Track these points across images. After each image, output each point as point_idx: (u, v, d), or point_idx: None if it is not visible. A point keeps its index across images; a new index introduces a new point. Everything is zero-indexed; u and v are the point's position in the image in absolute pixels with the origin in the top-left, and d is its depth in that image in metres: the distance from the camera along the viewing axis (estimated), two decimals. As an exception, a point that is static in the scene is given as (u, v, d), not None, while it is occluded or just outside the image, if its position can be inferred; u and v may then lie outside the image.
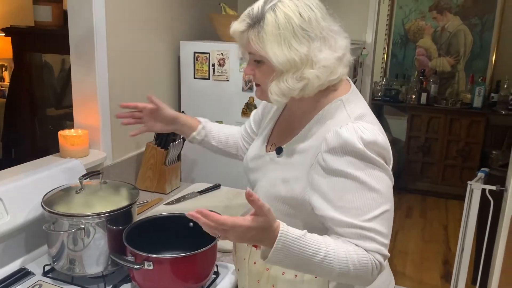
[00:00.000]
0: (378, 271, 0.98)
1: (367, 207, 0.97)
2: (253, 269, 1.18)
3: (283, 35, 0.97)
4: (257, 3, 1.02)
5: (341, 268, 0.95)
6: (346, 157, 0.97)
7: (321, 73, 1.00)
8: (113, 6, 1.85)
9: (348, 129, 0.98)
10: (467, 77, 4.66)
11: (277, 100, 1.05)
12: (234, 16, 2.25)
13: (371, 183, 0.97)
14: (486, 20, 4.54)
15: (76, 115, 1.88)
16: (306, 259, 0.94)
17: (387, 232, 0.99)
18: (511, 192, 2.44)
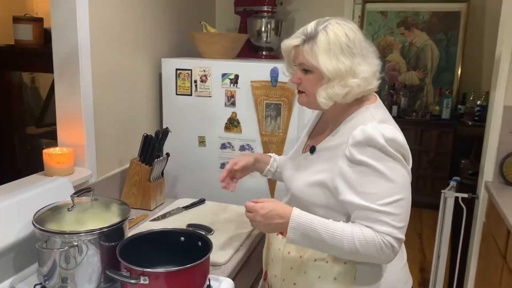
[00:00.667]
0: (390, 252, 1.16)
1: (383, 194, 1.15)
2: (287, 258, 1.35)
3: (332, 50, 1.20)
4: (310, 24, 1.25)
5: (349, 245, 1.16)
6: (369, 149, 1.16)
7: (361, 83, 1.22)
8: (97, 25, 1.87)
9: (372, 127, 1.18)
10: (435, 90, 4.85)
11: (324, 103, 1.25)
12: (216, 34, 2.31)
13: (389, 174, 1.16)
14: (451, 36, 4.75)
15: (60, 133, 1.88)
16: (317, 235, 1.18)
17: (400, 216, 1.16)
18: (482, 199, 2.56)
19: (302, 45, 1.24)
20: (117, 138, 2.10)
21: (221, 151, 2.28)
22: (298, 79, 1.29)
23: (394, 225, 1.15)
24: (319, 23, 1.24)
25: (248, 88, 2.16)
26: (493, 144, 2.49)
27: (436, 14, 4.78)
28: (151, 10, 2.28)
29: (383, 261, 1.20)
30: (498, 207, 2.18)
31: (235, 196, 2.25)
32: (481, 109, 4.32)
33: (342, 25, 1.22)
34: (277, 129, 2.15)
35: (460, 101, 4.67)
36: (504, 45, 2.37)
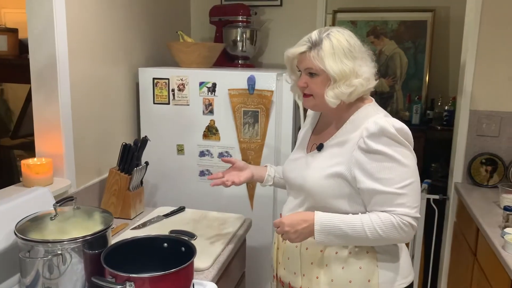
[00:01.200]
0: (410, 229, 1.29)
1: (399, 178, 1.28)
2: (306, 254, 1.44)
3: (337, 54, 1.33)
4: (313, 33, 1.38)
5: (372, 233, 1.29)
6: (383, 138, 1.28)
7: (364, 82, 1.35)
8: (75, 35, 1.88)
9: (382, 119, 1.32)
10: (405, 96, 4.98)
11: (332, 102, 1.36)
12: (193, 43, 2.35)
13: (403, 160, 1.28)
14: (418, 44, 4.91)
15: (38, 143, 1.87)
16: (341, 232, 1.31)
17: (415, 197, 1.30)
18: (452, 200, 2.66)
19: (308, 51, 1.36)
20: (95, 148, 2.10)
21: (199, 159, 2.31)
22: (304, 83, 1.40)
23: (411, 205, 1.28)
24: (321, 31, 1.38)
25: (226, 96, 2.20)
26: (461, 147, 2.59)
27: (403, 23, 4.94)
28: (127, 21, 2.29)
29: (405, 239, 1.33)
30: (468, 207, 2.28)
31: (214, 203, 2.30)
32: (449, 114, 4.46)
33: (342, 33, 1.36)
34: (255, 136, 2.19)
35: (428, 107, 4.81)
36: (469, 53, 2.49)
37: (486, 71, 2.48)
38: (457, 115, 2.68)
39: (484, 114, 2.52)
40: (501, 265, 1.73)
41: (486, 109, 2.52)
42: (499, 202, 2.22)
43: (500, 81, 2.47)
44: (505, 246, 1.76)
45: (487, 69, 2.47)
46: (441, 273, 2.77)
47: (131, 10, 2.32)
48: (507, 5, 2.38)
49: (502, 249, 1.76)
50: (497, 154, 2.52)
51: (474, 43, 2.46)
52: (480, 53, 2.47)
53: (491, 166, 2.51)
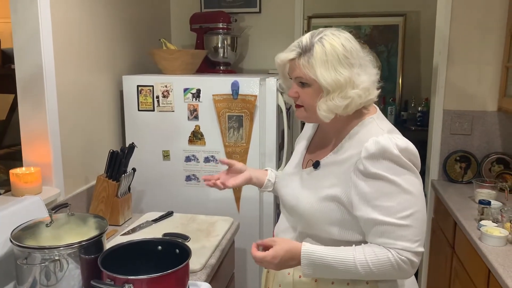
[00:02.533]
0: (409, 267, 1.13)
1: (400, 207, 1.11)
2: (299, 282, 1.28)
3: (330, 61, 1.16)
4: (304, 37, 1.21)
5: (364, 269, 1.13)
6: (384, 161, 1.12)
7: (362, 93, 1.18)
8: (60, 45, 1.90)
9: (385, 138, 1.14)
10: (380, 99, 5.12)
11: (325, 116, 1.20)
12: (176, 50, 2.39)
13: (405, 186, 1.12)
14: (390, 48, 5.07)
15: (25, 153, 1.87)
16: (331, 267, 1.15)
17: (418, 229, 1.13)
18: (430, 196, 2.77)
19: (298, 59, 1.20)
20: (82, 156, 2.12)
21: (185, 164, 2.34)
22: (295, 92, 1.24)
23: (412, 238, 1.11)
24: (313, 34, 1.20)
25: (210, 101, 2.25)
26: (436, 145, 2.71)
27: (376, 27, 5.09)
28: (110, 29, 2.32)
29: (403, 277, 1.18)
30: (445, 202, 2.38)
31: (202, 207, 2.33)
32: (422, 115, 4.63)
33: (337, 36, 1.19)
34: (240, 140, 2.25)
35: (402, 108, 4.97)
36: (441, 55, 2.61)
37: (458, 73, 2.60)
38: (431, 115, 2.80)
39: (456, 114, 2.64)
40: (478, 255, 1.82)
41: (458, 109, 2.64)
42: (474, 196, 2.33)
43: (470, 82, 2.59)
44: (481, 237, 1.85)
45: (458, 71, 2.60)
46: (421, 267, 2.87)
47: (113, 19, 2.34)
48: (475, 9, 2.51)
49: (479, 240, 1.86)
50: (470, 151, 2.64)
51: (445, 46, 2.58)
52: (451, 55, 2.59)
53: (465, 163, 2.63)
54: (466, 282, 1.99)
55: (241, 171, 1.52)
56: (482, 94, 2.60)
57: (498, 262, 1.68)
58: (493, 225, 1.92)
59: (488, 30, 2.52)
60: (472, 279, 1.92)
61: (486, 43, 2.53)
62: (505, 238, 1.81)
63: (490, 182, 2.31)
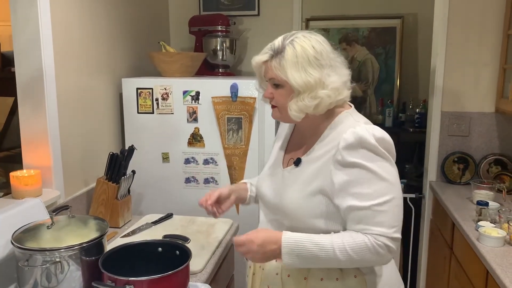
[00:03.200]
0: (386, 252, 1.16)
1: (377, 193, 1.16)
2: (288, 281, 1.29)
3: (300, 63, 1.20)
4: (277, 40, 1.25)
5: (343, 254, 1.16)
6: (361, 150, 1.17)
7: (331, 93, 1.22)
8: (60, 48, 1.91)
9: (362, 128, 1.19)
10: (377, 101, 5.13)
11: (295, 116, 1.25)
12: (175, 53, 2.40)
13: (382, 173, 1.16)
14: (388, 49, 5.08)
15: (25, 155, 1.88)
16: (310, 253, 1.18)
17: (395, 215, 1.17)
18: (428, 198, 2.78)
19: (270, 61, 1.24)
20: (82, 158, 2.12)
21: (185, 166, 2.35)
22: (270, 93, 1.29)
23: (389, 224, 1.15)
24: (286, 37, 1.24)
25: (209, 104, 2.26)
26: (434, 147, 2.72)
27: (374, 29, 5.10)
28: (109, 32, 2.33)
29: (381, 262, 1.21)
30: (443, 203, 2.39)
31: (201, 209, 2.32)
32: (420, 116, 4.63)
33: (308, 38, 1.23)
34: (239, 142, 2.26)
35: (400, 110, 4.98)
36: (438, 57, 2.62)
37: (455, 74, 2.62)
38: (429, 116, 2.81)
39: (454, 115, 2.66)
40: (477, 256, 1.84)
41: (456, 110, 2.66)
42: (472, 197, 2.34)
43: (468, 83, 2.61)
44: (479, 238, 1.87)
45: (456, 72, 2.62)
46: (419, 268, 2.88)
47: (112, 22, 2.35)
48: (472, 11, 2.53)
49: (477, 241, 1.87)
50: (468, 152, 2.65)
51: (443, 47, 2.60)
52: (449, 57, 2.61)
53: (463, 164, 2.64)
54: (465, 283, 2.00)
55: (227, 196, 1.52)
56: (479, 95, 2.61)
57: (496, 262, 1.69)
58: (491, 226, 1.93)
59: (485, 32, 2.54)
60: (471, 280, 1.93)
61: (483, 44, 2.55)
62: (503, 238, 1.82)
63: (488, 183, 2.32)
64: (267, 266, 1.35)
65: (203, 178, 2.34)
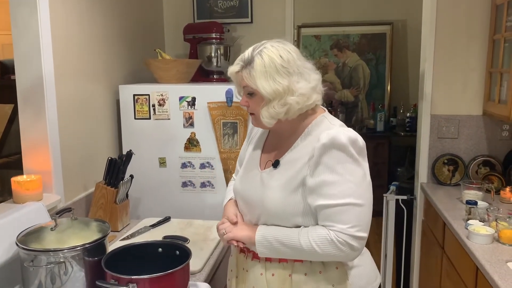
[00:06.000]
0: (348, 249, 1.23)
1: (342, 194, 1.23)
2: (273, 280, 1.34)
3: (269, 72, 1.26)
4: (247, 51, 1.31)
5: (307, 246, 1.25)
6: (333, 151, 1.23)
7: (300, 99, 1.28)
8: (59, 55, 1.96)
9: (337, 131, 1.26)
10: (369, 105, 5.23)
11: (267, 122, 1.31)
12: (171, 60, 2.45)
13: (347, 175, 1.23)
14: (379, 55, 5.18)
15: (26, 161, 1.91)
16: (280, 243, 1.28)
17: (360, 216, 1.23)
18: (419, 199, 2.84)
19: (241, 71, 1.29)
20: (81, 163, 2.16)
21: (181, 171, 2.40)
22: (245, 102, 1.35)
23: (351, 223, 1.22)
24: (255, 48, 1.30)
25: (205, 109, 2.31)
26: (425, 149, 2.79)
27: (364, 36, 5.21)
28: (106, 40, 2.38)
29: (345, 258, 1.28)
30: (434, 205, 2.46)
31: (198, 213, 2.38)
32: (411, 120, 4.73)
33: (276, 48, 1.27)
34: (235, 146, 2.31)
35: (391, 114, 5.08)
36: (427, 62, 2.70)
37: (444, 78, 2.69)
38: (419, 119, 2.88)
39: (443, 118, 2.73)
40: (467, 253, 1.89)
41: (445, 113, 2.73)
42: (461, 198, 2.40)
43: (456, 87, 2.69)
44: (469, 236, 1.93)
45: (445, 76, 2.69)
46: (412, 268, 2.94)
47: (109, 30, 2.40)
48: (459, 18, 2.61)
49: (467, 239, 1.93)
50: (457, 154, 2.72)
51: (431, 52, 2.68)
52: (437, 61, 2.68)
53: (453, 165, 2.71)
54: (456, 280, 2.06)
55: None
56: (467, 98, 2.69)
57: (485, 259, 1.75)
58: (480, 224, 2.00)
59: (472, 37, 2.62)
60: (462, 277, 1.99)
61: (470, 49, 2.63)
62: (492, 236, 1.89)
63: (477, 184, 2.39)
64: (251, 268, 1.39)
65: (200, 182, 2.38)
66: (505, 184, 2.50)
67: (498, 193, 2.41)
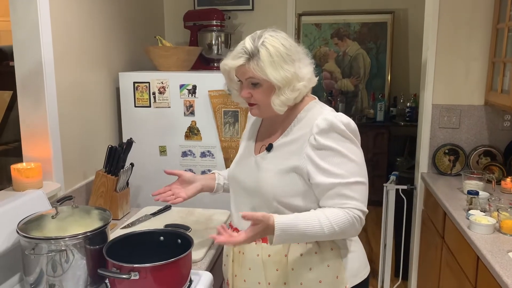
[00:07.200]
0: (359, 224, 1.30)
1: (348, 173, 1.30)
2: (269, 261, 1.39)
3: (276, 61, 1.30)
4: (247, 43, 1.32)
5: (328, 229, 1.27)
6: (332, 134, 1.30)
7: (307, 83, 1.36)
8: (59, 42, 1.93)
9: (331, 115, 1.33)
10: (369, 95, 5.21)
11: (279, 109, 1.36)
12: (171, 47, 2.42)
13: (350, 155, 1.30)
14: (379, 44, 5.15)
15: (25, 148, 1.90)
16: (300, 233, 1.27)
17: (364, 192, 1.32)
18: (420, 189, 2.84)
19: (247, 63, 1.31)
20: (81, 151, 2.15)
21: (182, 159, 2.38)
22: (248, 93, 1.36)
23: (360, 199, 1.30)
24: (254, 40, 1.32)
25: (206, 97, 2.29)
26: (426, 139, 2.78)
27: (365, 25, 5.17)
28: (106, 27, 2.35)
29: (354, 233, 1.35)
30: (434, 194, 2.45)
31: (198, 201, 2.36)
32: (411, 110, 4.72)
33: (275, 37, 1.32)
34: (235, 135, 2.29)
35: (391, 104, 5.06)
36: (429, 51, 2.68)
37: (446, 67, 2.68)
38: (421, 109, 2.87)
39: (445, 108, 2.72)
40: (468, 244, 1.89)
41: (446, 103, 2.71)
42: (462, 188, 2.40)
43: (458, 76, 2.67)
44: (470, 226, 1.93)
45: (447, 65, 2.67)
46: (412, 257, 2.94)
47: (109, 16, 2.37)
48: (462, 6, 2.59)
49: (468, 229, 1.93)
50: (458, 144, 2.71)
51: (433, 41, 2.66)
52: (440, 51, 2.66)
53: (454, 155, 2.71)
54: (456, 270, 2.06)
55: (191, 181, 1.61)
56: (469, 88, 2.67)
57: (487, 249, 1.75)
58: (481, 214, 1.99)
59: (475, 26, 2.59)
60: (462, 267, 2.00)
61: (473, 39, 2.61)
62: (493, 226, 1.89)
63: (478, 174, 2.38)
64: (247, 250, 1.43)
65: (200, 171, 2.37)
66: (506, 174, 2.50)
67: (499, 183, 2.40)
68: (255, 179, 1.40)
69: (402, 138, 4.85)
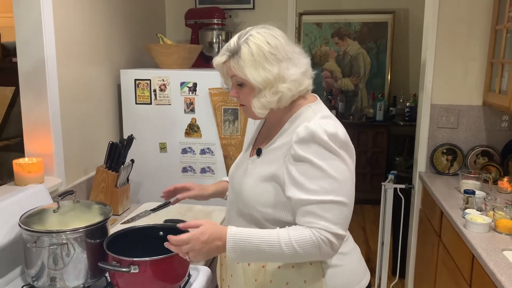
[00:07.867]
0: (329, 248, 1.16)
1: (323, 190, 1.16)
2: (249, 270, 1.31)
3: (257, 61, 1.19)
4: (232, 39, 1.25)
5: (288, 248, 1.15)
6: (312, 145, 1.17)
7: (292, 86, 1.22)
8: (61, 39, 1.95)
9: (315, 123, 1.19)
10: (369, 94, 5.23)
11: (259, 113, 1.26)
12: (172, 45, 2.45)
13: (330, 171, 1.16)
14: (380, 44, 5.17)
15: (27, 144, 1.92)
16: (255, 248, 1.16)
17: (341, 213, 1.17)
18: (417, 188, 2.87)
19: (228, 61, 1.23)
20: (82, 147, 2.17)
21: (182, 156, 2.41)
22: (235, 93, 1.29)
23: (333, 220, 1.15)
24: (240, 36, 1.24)
25: (206, 95, 2.31)
26: (424, 139, 2.80)
27: (366, 24, 5.19)
28: (108, 24, 2.37)
29: (322, 257, 1.22)
30: (432, 193, 2.48)
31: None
32: (410, 110, 4.74)
33: (263, 34, 1.21)
34: (235, 132, 2.32)
35: (391, 104, 5.08)
36: (428, 50, 2.70)
37: (445, 68, 2.69)
38: (419, 109, 2.89)
39: (443, 108, 2.74)
40: (463, 242, 1.92)
41: (445, 103, 2.73)
42: (459, 187, 2.42)
43: (457, 77, 2.69)
44: (466, 224, 1.95)
45: (445, 66, 2.69)
46: (409, 256, 2.97)
47: (111, 13, 2.39)
48: (461, 7, 2.61)
49: (464, 227, 1.95)
50: (456, 144, 2.74)
51: (433, 41, 2.67)
52: (439, 51, 2.68)
53: (451, 155, 2.73)
54: (452, 268, 2.09)
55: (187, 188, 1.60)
56: (468, 88, 2.69)
57: (482, 247, 1.77)
58: (477, 213, 2.02)
59: (474, 27, 2.61)
60: (457, 264, 2.02)
61: (472, 39, 2.63)
62: (488, 225, 1.91)
63: (475, 173, 2.41)
64: None
65: (200, 168, 2.40)
66: (502, 174, 2.52)
67: (496, 183, 2.43)
68: (240, 183, 1.33)
69: (401, 137, 4.87)
